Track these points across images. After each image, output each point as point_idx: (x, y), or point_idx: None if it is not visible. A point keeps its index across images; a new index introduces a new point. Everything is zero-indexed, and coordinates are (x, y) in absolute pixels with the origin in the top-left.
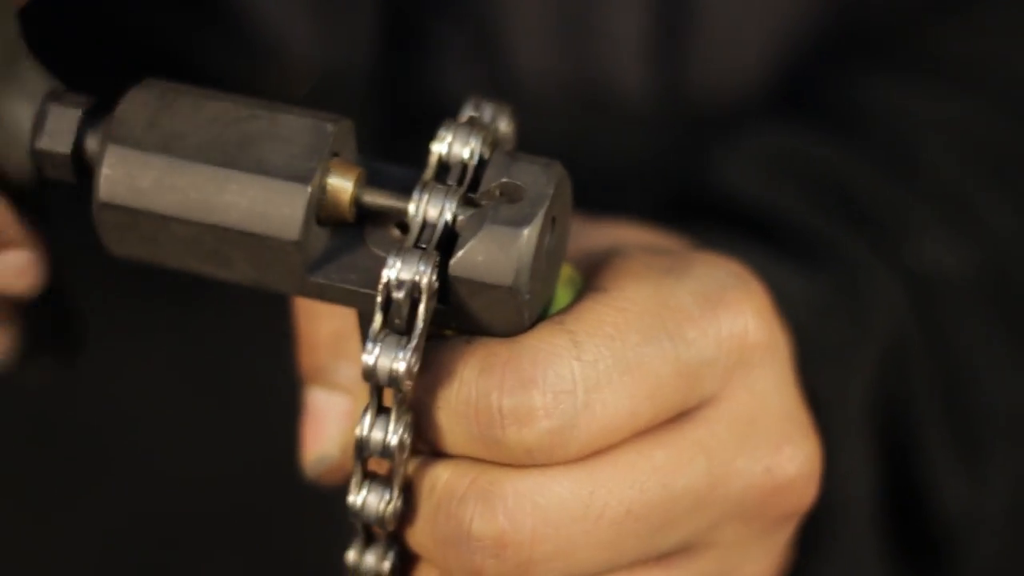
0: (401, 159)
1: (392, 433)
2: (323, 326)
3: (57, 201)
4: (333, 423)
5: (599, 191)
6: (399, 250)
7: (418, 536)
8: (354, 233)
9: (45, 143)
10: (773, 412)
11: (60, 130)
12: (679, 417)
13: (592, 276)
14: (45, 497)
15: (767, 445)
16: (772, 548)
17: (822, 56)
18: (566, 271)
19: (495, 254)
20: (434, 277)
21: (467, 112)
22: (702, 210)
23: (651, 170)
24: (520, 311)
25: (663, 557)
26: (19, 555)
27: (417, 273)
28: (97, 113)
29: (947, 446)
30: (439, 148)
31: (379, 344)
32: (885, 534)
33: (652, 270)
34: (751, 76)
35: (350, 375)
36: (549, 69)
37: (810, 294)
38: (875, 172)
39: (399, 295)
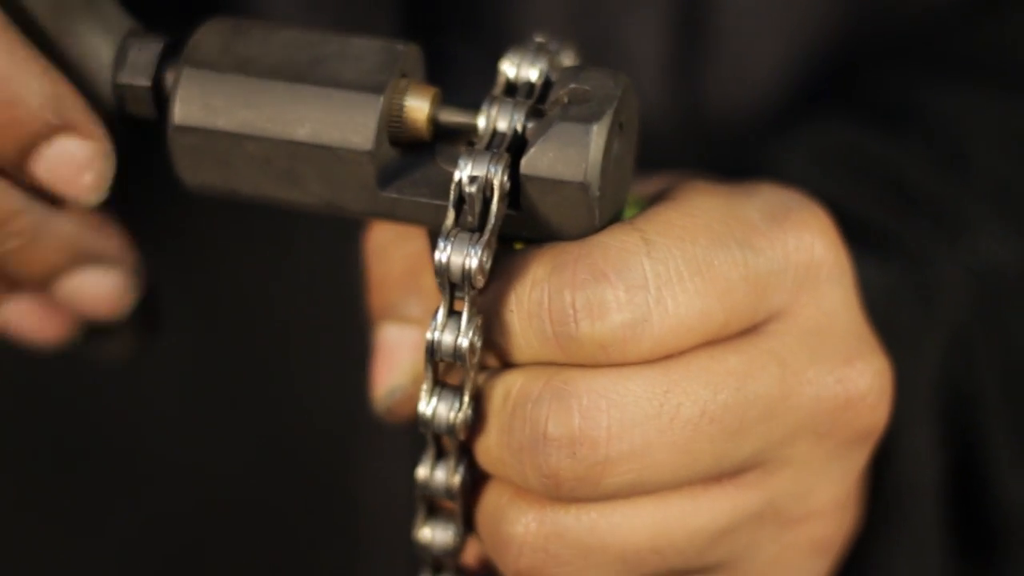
0: None
1: (463, 335)
2: (394, 265)
3: None
4: (405, 354)
5: None
6: (470, 151)
7: (492, 447)
8: (424, 152)
9: (127, 77)
10: (842, 329)
11: (140, 64)
12: (750, 330)
13: (660, 197)
14: (65, 498)
15: (837, 358)
16: (846, 472)
17: (844, 70)
18: (633, 196)
19: (565, 151)
20: (505, 176)
21: (534, 39)
22: None
23: None
24: (591, 209)
25: (737, 474)
26: (40, 555)
27: (488, 170)
28: (174, 49)
29: (1008, 438)
30: (507, 69)
31: (451, 241)
32: (945, 523)
33: (719, 189)
34: (770, 93)
35: (422, 308)
36: None
37: (880, 280)
38: (929, 168)
39: (471, 190)
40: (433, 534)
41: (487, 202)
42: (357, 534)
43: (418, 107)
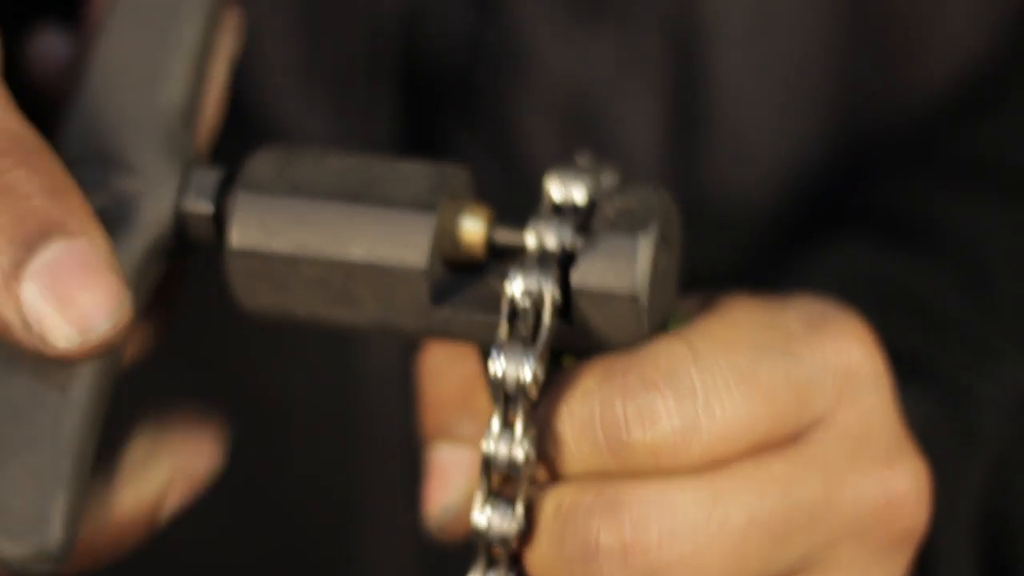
0: None
1: (518, 446)
2: (448, 386)
3: None
4: (458, 474)
5: None
6: (520, 266)
7: (544, 558)
8: (475, 270)
9: (190, 205)
10: (881, 434)
11: (202, 192)
12: (793, 436)
13: (702, 309)
14: None
15: (878, 462)
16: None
17: (845, 163)
18: (679, 309)
19: (614, 263)
20: (556, 289)
21: (574, 161)
22: None
23: None
24: (640, 320)
25: None
26: None
27: (539, 282)
28: (231, 179)
29: None
30: (552, 189)
31: (505, 354)
32: None
33: (756, 301)
34: (768, 181)
35: (475, 429)
36: None
37: (917, 410)
38: (954, 295)
39: (524, 304)
40: None
41: (539, 315)
42: None
43: (474, 230)
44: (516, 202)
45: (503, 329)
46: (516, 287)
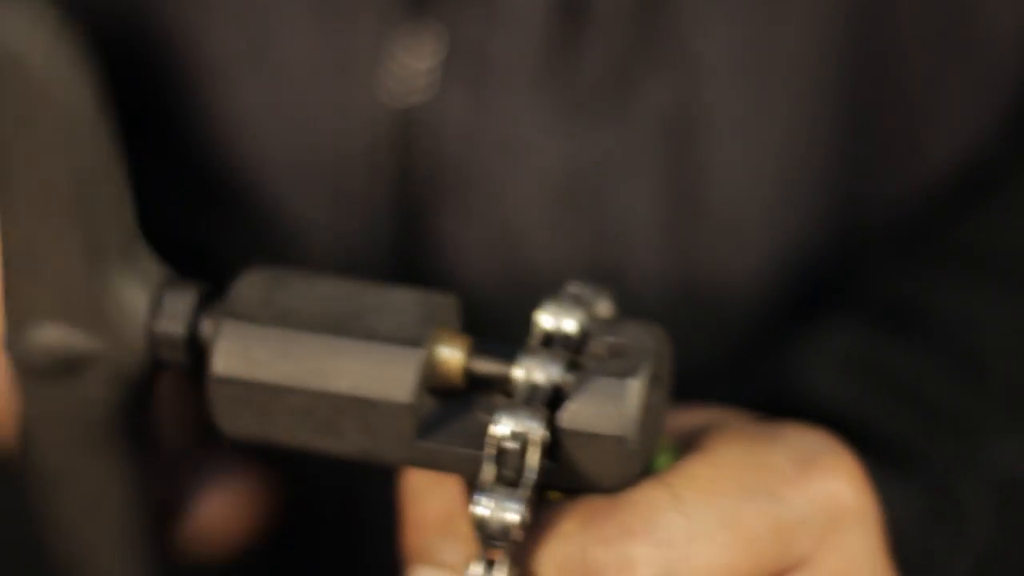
0: None
1: None
2: (431, 507)
3: None
4: None
5: None
6: (507, 405)
7: None
8: (462, 400)
9: (162, 326)
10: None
11: (176, 313)
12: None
13: (690, 443)
14: None
15: None
16: None
17: (842, 251)
18: (667, 441)
19: (604, 406)
20: (543, 429)
21: (569, 289)
22: (785, 412)
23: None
24: (627, 463)
25: None
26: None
27: (528, 426)
28: (210, 298)
29: None
30: (543, 319)
31: (490, 496)
32: None
33: (746, 435)
34: (764, 271)
35: (457, 553)
36: (562, 260)
37: (909, 503)
38: (949, 380)
39: (510, 445)
40: None
41: (525, 456)
42: None
43: (452, 357)
44: (513, 295)
45: (487, 471)
46: (502, 428)
